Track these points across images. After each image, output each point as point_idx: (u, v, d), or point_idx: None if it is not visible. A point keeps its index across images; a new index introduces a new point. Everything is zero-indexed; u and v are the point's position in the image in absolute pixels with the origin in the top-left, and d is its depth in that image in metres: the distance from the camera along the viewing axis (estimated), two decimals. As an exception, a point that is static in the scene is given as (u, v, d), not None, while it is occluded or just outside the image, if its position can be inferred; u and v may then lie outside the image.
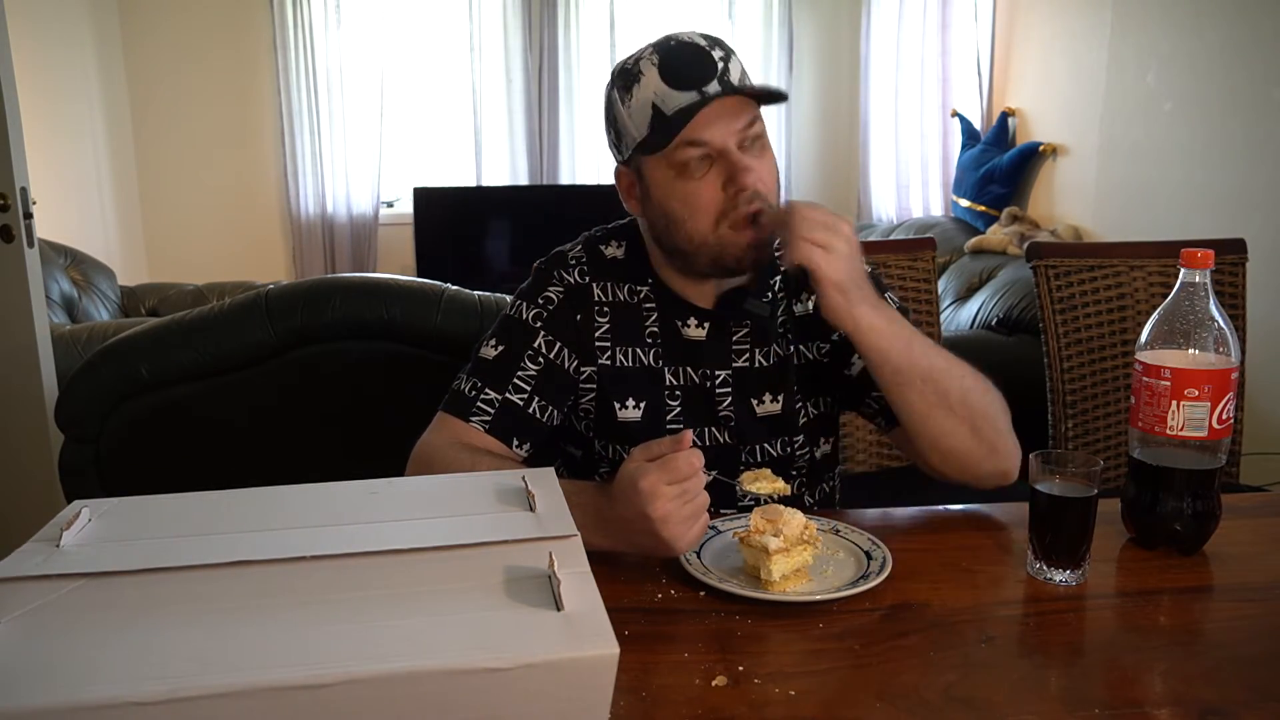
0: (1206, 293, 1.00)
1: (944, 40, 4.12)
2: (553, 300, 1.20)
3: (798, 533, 0.93)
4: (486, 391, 1.16)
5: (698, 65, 1.07)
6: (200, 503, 0.82)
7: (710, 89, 1.06)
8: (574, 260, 1.23)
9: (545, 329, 1.19)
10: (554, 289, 1.21)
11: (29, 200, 2.36)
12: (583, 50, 4.50)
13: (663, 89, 1.07)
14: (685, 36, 1.11)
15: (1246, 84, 2.66)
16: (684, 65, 1.07)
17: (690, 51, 1.09)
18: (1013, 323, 2.81)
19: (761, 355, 1.21)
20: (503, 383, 1.17)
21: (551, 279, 1.22)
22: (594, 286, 1.21)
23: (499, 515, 0.78)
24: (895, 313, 1.09)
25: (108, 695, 0.54)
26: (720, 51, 1.09)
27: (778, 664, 0.81)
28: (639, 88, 1.09)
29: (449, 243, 4.38)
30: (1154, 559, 1.02)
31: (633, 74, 1.10)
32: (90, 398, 1.70)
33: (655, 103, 1.08)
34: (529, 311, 1.20)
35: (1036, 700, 0.75)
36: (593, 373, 1.20)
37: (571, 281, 1.21)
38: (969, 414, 1.09)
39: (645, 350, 1.20)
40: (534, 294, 1.22)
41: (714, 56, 1.08)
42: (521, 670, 0.58)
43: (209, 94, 4.40)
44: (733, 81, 1.08)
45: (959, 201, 3.93)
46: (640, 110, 1.09)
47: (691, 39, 1.10)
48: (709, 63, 1.08)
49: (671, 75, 1.07)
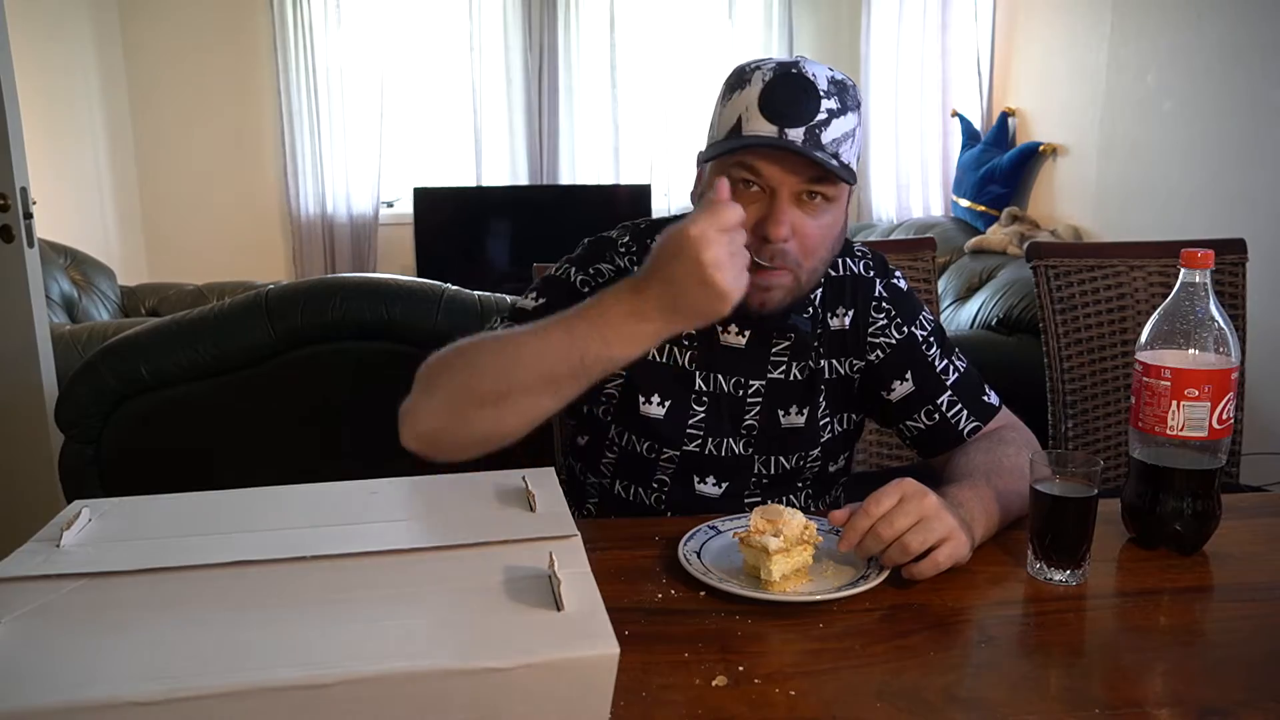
0: (1206, 293, 1.00)
1: (944, 40, 4.12)
2: (603, 274, 1.16)
3: (798, 533, 0.93)
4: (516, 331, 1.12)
5: (798, 105, 1.02)
6: (200, 503, 0.82)
7: (792, 134, 1.01)
8: (623, 248, 1.19)
9: (591, 295, 1.14)
10: (605, 265, 1.17)
11: (29, 200, 2.36)
12: (583, 50, 4.50)
13: (753, 109, 1.02)
14: (811, 70, 1.04)
15: (1246, 84, 2.66)
16: (786, 98, 1.02)
17: (801, 88, 1.02)
18: (1013, 323, 2.81)
19: (798, 369, 1.19)
20: None
21: (603, 257, 1.18)
22: None
23: (499, 515, 0.78)
24: (984, 511, 1.01)
25: (108, 695, 0.54)
26: (834, 103, 1.03)
27: (778, 664, 0.81)
28: (739, 95, 1.04)
29: (449, 243, 4.38)
30: (1154, 559, 1.02)
31: (744, 78, 1.05)
32: (90, 398, 1.70)
33: (742, 116, 1.03)
34: (577, 276, 1.16)
35: (1036, 700, 0.75)
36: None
37: (620, 265, 1.17)
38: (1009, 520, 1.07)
39: (681, 351, 1.17)
40: (585, 264, 1.18)
41: (821, 105, 1.02)
42: (521, 670, 0.58)
43: (209, 94, 4.40)
44: (820, 139, 1.02)
45: (959, 201, 3.93)
46: (728, 116, 1.05)
47: (814, 76, 1.03)
48: (810, 109, 1.02)
49: (768, 102, 1.02)
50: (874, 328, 1.21)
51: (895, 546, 0.92)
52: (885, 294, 1.22)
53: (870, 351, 1.21)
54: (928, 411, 1.20)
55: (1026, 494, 0.99)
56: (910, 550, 0.92)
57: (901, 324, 1.21)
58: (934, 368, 1.21)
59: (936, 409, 1.20)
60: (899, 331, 1.21)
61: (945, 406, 1.20)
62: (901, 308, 1.22)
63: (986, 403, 1.22)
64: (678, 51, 4.54)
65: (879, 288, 1.22)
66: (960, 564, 0.95)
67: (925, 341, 1.21)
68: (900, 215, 4.37)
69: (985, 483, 1.05)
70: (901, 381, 1.20)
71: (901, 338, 1.21)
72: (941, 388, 1.20)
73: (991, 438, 1.17)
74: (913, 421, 1.21)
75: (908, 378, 1.20)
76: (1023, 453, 1.10)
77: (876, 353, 1.21)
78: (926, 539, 0.92)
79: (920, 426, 1.21)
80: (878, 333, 1.21)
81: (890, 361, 1.21)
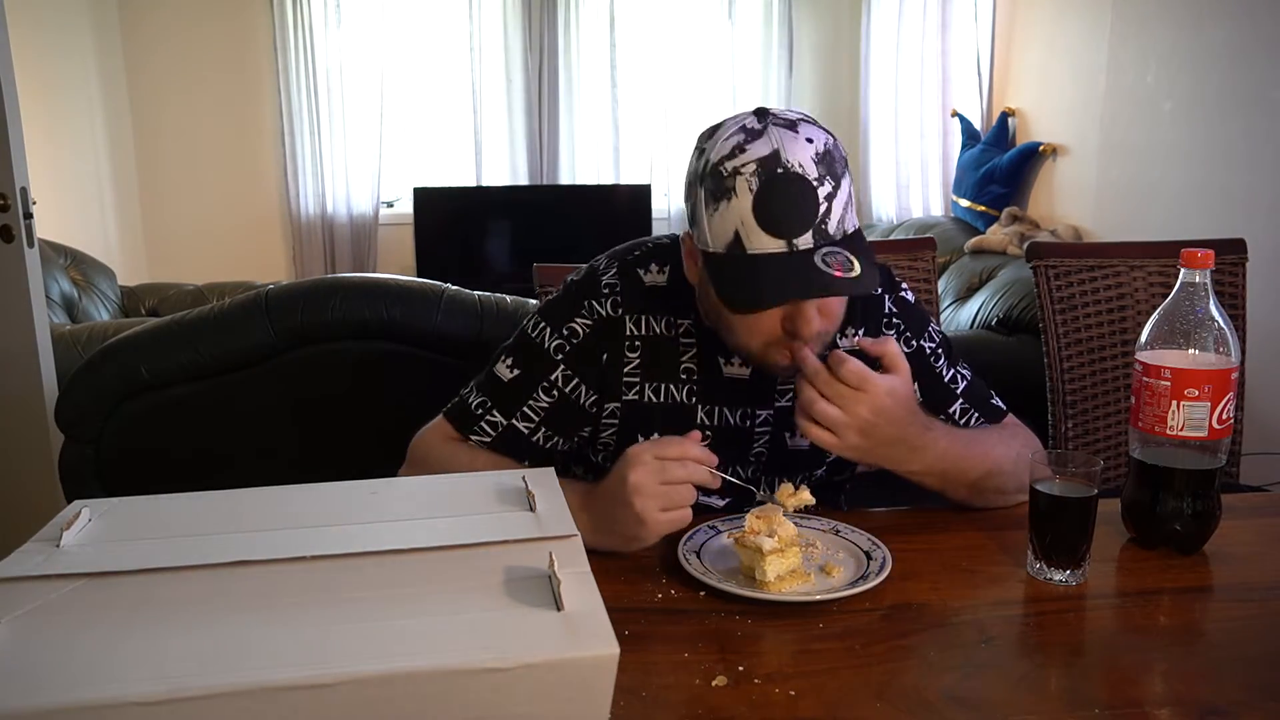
0: (1206, 293, 1.00)
1: (944, 40, 4.12)
2: (578, 334, 1.12)
3: (792, 533, 0.93)
4: (494, 413, 1.13)
5: (797, 210, 0.95)
6: (200, 503, 0.82)
7: (801, 242, 0.95)
8: (606, 289, 1.13)
9: (566, 364, 1.12)
10: (581, 320, 1.12)
11: (29, 200, 2.36)
12: (583, 50, 4.50)
13: (751, 223, 0.95)
14: (795, 161, 0.95)
15: (1246, 84, 2.66)
16: (783, 208, 0.94)
17: (797, 190, 0.94)
18: (1013, 323, 2.81)
19: None
20: (512, 408, 1.13)
21: (580, 309, 1.13)
22: (626, 320, 1.12)
23: (499, 515, 0.78)
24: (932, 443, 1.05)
25: (108, 695, 0.54)
26: (828, 187, 0.96)
27: (778, 664, 0.81)
28: (727, 206, 0.96)
29: (449, 243, 4.38)
30: (1154, 559, 1.02)
31: (726, 186, 0.96)
32: (90, 398, 1.70)
33: (739, 232, 0.96)
34: (551, 341, 1.13)
35: (1036, 700, 0.75)
36: (616, 409, 1.14)
37: (603, 314, 1.12)
38: (1003, 485, 1.12)
39: (679, 387, 1.14)
40: (560, 320, 1.13)
41: (818, 196, 0.95)
42: (521, 670, 0.58)
43: (209, 94, 4.40)
44: (828, 231, 0.96)
45: (959, 201, 3.93)
46: (722, 228, 0.97)
47: (801, 167, 0.95)
48: (810, 208, 0.95)
49: (764, 216, 0.94)
50: None
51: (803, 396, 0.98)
52: (895, 309, 1.21)
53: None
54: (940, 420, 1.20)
55: (985, 461, 1.09)
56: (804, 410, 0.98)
57: (911, 338, 1.21)
58: (942, 378, 1.21)
59: (949, 417, 1.20)
60: (908, 346, 1.20)
61: (958, 414, 1.20)
62: (911, 322, 1.22)
63: (995, 405, 1.23)
64: (678, 51, 4.54)
65: (888, 304, 1.21)
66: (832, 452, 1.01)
67: (934, 354, 1.21)
68: (900, 215, 4.37)
69: (972, 436, 1.13)
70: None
71: (910, 352, 1.18)
72: (953, 396, 1.21)
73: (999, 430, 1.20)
74: None
75: (917, 391, 1.19)
76: (1027, 440, 1.17)
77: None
78: (827, 414, 0.97)
79: None
80: None
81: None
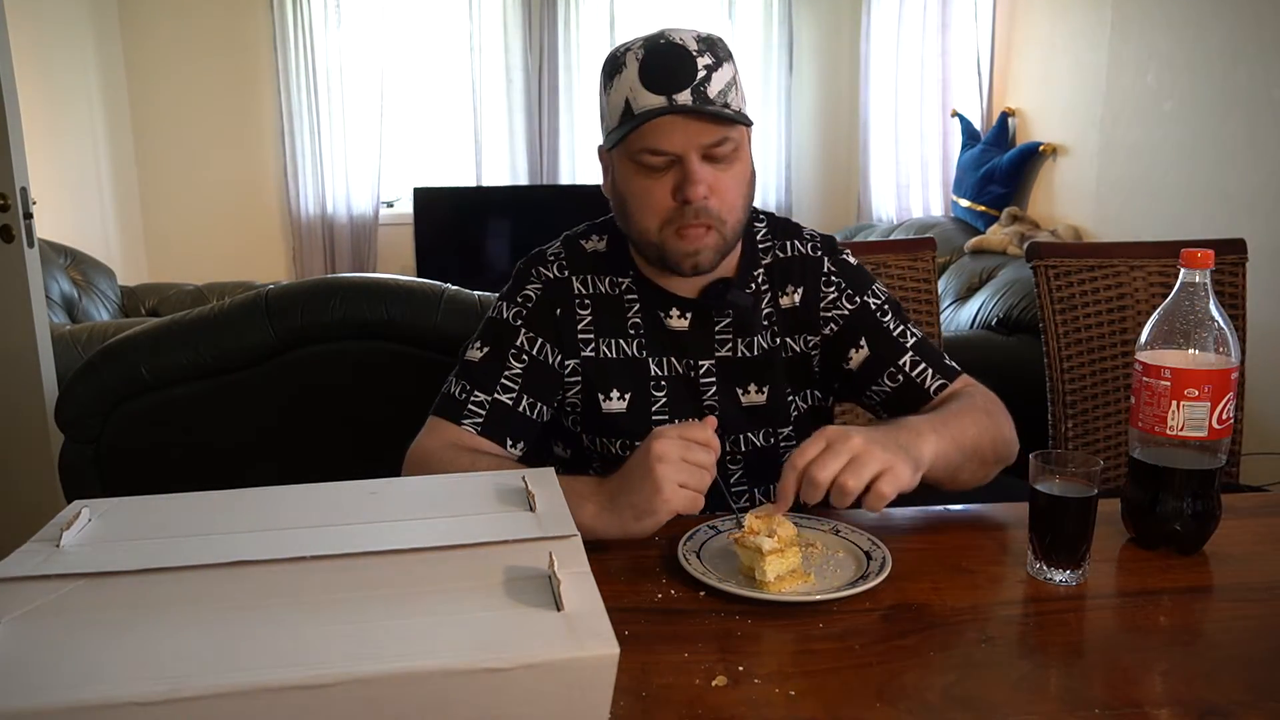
0: (1206, 293, 1.00)
1: (944, 40, 4.12)
2: (531, 297, 1.21)
3: (792, 533, 0.93)
4: (476, 394, 1.17)
5: (677, 71, 1.07)
6: (200, 503, 0.82)
7: (680, 98, 1.06)
8: (552, 256, 1.24)
9: (526, 326, 1.20)
10: (532, 286, 1.22)
11: (29, 200, 2.36)
12: (583, 50, 4.50)
13: (637, 87, 1.07)
14: (677, 36, 1.09)
15: (1246, 84, 2.66)
16: (663, 68, 1.07)
17: (675, 55, 1.07)
18: (1013, 323, 2.81)
19: (745, 346, 1.21)
20: (490, 383, 1.18)
21: (530, 277, 1.23)
22: (574, 280, 1.22)
23: (499, 515, 0.78)
24: (915, 438, 1.02)
25: (108, 695, 0.54)
26: (708, 59, 1.08)
27: (778, 664, 0.81)
28: (619, 79, 1.10)
29: (449, 243, 4.38)
30: (1154, 559, 1.02)
31: (619, 63, 1.11)
32: (90, 398, 1.70)
33: (628, 98, 1.08)
34: (509, 311, 1.21)
35: (1036, 700, 0.75)
36: (576, 365, 1.21)
37: (550, 276, 1.22)
38: (981, 457, 1.12)
39: (629, 341, 1.21)
40: (513, 294, 1.23)
41: (697, 64, 1.07)
42: (521, 670, 0.58)
43: (209, 94, 4.40)
44: (707, 94, 1.07)
45: (959, 201, 3.93)
46: (615, 102, 1.10)
47: (682, 40, 1.09)
48: (688, 70, 1.07)
49: (648, 75, 1.07)
50: (825, 301, 1.24)
51: (834, 490, 0.94)
52: (834, 269, 1.25)
53: (824, 326, 1.24)
54: (890, 374, 1.21)
55: (962, 437, 1.05)
56: (849, 490, 0.93)
57: (853, 295, 1.24)
58: (890, 333, 1.23)
59: (900, 370, 1.21)
60: (850, 302, 1.23)
61: (909, 367, 1.21)
62: (851, 280, 1.25)
63: (949, 365, 1.23)
64: (678, 51, 4.54)
65: (827, 264, 1.25)
66: (906, 489, 0.97)
67: (879, 310, 1.23)
68: (900, 215, 4.37)
69: (939, 411, 1.11)
70: (857, 349, 1.22)
71: (854, 308, 1.23)
72: (902, 350, 1.22)
73: (957, 395, 1.19)
74: (877, 386, 1.22)
75: (863, 344, 1.22)
76: (989, 403, 1.16)
77: (830, 326, 1.24)
78: (862, 475, 0.94)
79: (886, 390, 1.22)
80: (829, 306, 1.24)
81: (845, 331, 1.23)
